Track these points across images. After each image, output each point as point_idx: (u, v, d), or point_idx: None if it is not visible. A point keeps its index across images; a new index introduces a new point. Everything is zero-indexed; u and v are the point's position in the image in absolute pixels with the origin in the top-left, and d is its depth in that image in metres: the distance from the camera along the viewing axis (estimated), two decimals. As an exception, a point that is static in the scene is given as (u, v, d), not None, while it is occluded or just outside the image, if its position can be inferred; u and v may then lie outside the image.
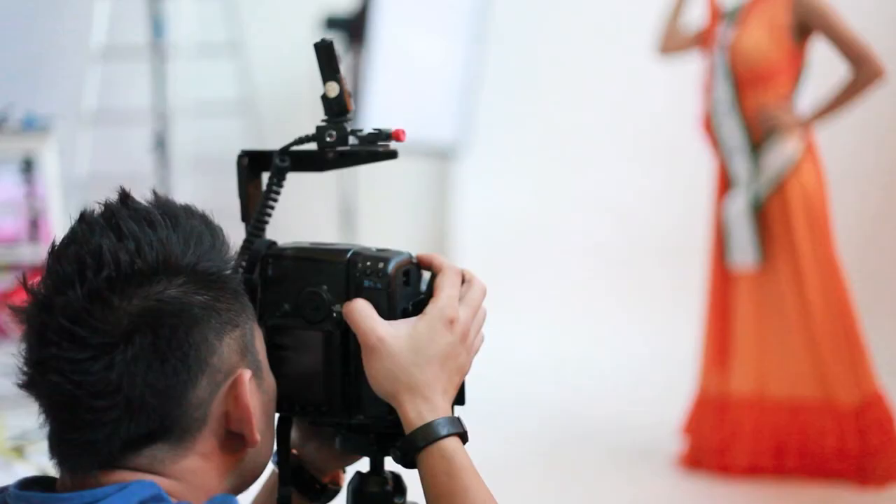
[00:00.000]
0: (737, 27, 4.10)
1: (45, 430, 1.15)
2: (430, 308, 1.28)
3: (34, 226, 5.00)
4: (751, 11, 4.09)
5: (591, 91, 6.51)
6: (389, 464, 1.36)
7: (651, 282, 6.25)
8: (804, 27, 4.00)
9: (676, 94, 5.67)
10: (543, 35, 6.55)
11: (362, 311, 1.26)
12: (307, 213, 5.24)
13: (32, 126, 5.05)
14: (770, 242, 4.05)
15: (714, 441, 4.14)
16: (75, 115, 5.76)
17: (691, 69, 4.39)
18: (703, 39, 4.23)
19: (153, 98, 5.78)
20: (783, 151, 4.01)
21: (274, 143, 1.41)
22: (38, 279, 1.14)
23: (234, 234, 1.28)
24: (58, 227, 4.77)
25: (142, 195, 1.20)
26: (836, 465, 3.98)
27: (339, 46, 1.35)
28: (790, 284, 4.01)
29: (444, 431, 1.24)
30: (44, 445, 1.17)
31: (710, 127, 4.19)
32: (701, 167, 4.46)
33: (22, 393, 1.15)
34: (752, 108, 4.06)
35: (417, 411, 1.25)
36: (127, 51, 5.92)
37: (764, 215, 4.05)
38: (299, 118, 6.11)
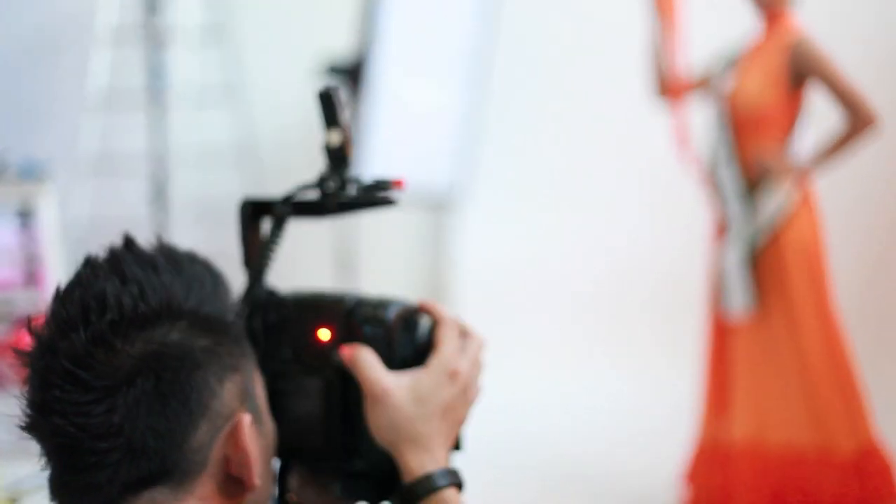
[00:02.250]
0: (735, 76, 4.13)
1: (46, 474, 1.16)
2: (433, 361, 1.30)
3: (30, 273, 5.00)
4: (749, 59, 4.12)
5: (589, 139, 6.54)
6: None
7: (646, 329, 6.26)
8: (801, 74, 4.02)
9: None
10: (541, 84, 6.59)
11: (367, 361, 1.28)
12: (304, 260, 5.25)
13: (30, 173, 5.05)
14: (765, 291, 4.05)
15: (715, 490, 4.13)
16: (73, 161, 5.78)
17: (690, 115, 4.40)
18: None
19: (152, 145, 5.80)
20: (777, 198, 4.03)
21: (273, 189, 1.43)
22: (41, 322, 1.15)
23: (234, 280, 1.29)
24: (55, 274, 4.77)
25: (145, 241, 1.22)
26: (836, 514, 3.98)
27: (343, 94, 1.36)
28: (786, 333, 4.02)
29: (443, 482, 1.26)
30: (39, 495, 1.18)
31: (708, 174, 4.22)
32: (699, 215, 4.48)
33: (17, 443, 1.16)
34: (748, 155, 4.08)
35: (419, 462, 1.27)
36: (125, 97, 5.95)
37: (759, 264, 4.06)
38: (298, 165, 6.17)
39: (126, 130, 6.13)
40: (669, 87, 4.31)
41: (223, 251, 1.39)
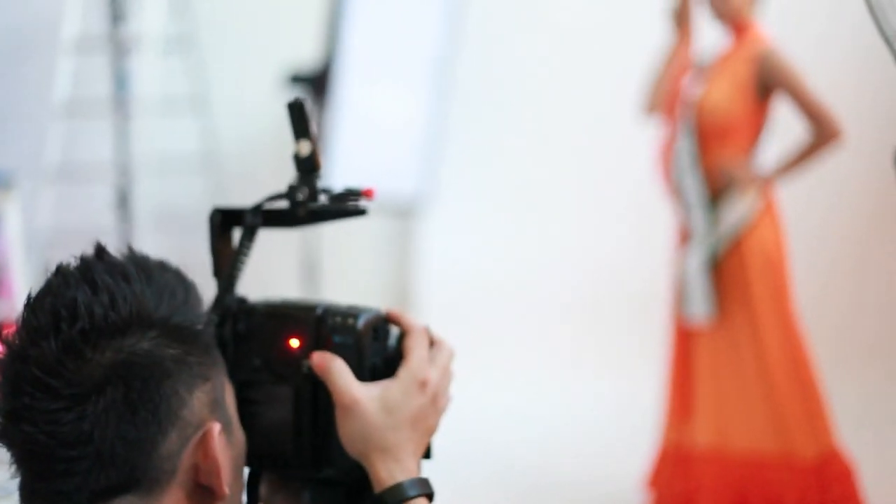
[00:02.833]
0: (703, 84, 4.15)
1: (17, 482, 1.16)
2: (403, 371, 1.31)
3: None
4: (717, 69, 4.14)
5: (556, 145, 6.57)
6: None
7: (615, 335, 6.27)
8: (768, 85, 4.05)
9: (643, 148, 5.72)
10: (507, 89, 6.61)
11: (338, 370, 1.28)
12: (271, 269, 5.23)
13: (-6, 181, 5.03)
14: (727, 297, 4.08)
15: (677, 494, 4.15)
16: (38, 170, 5.75)
17: (657, 124, 4.42)
18: (672, 95, 4.26)
19: (116, 153, 5.78)
20: (739, 207, 4.06)
21: (237, 198, 1.43)
22: (12, 330, 1.16)
23: (200, 287, 1.29)
24: (20, 282, 4.75)
25: (115, 249, 1.22)
26: (797, 520, 4.01)
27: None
28: (748, 339, 4.04)
29: (413, 492, 1.27)
30: (9, 501, 1.18)
31: (672, 181, 4.24)
32: (666, 221, 4.50)
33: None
34: (712, 164, 4.10)
35: (389, 471, 1.27)
36: (90, 106, 5.93)
37: (721, 270, 4.08)
38: (262, 174, 6.18)
39: (91, 138, 6.11)
40: (666, 105, 4.28)
41: (187, 259, 1.39)
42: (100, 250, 1.20)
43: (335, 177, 5.50)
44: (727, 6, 4.10)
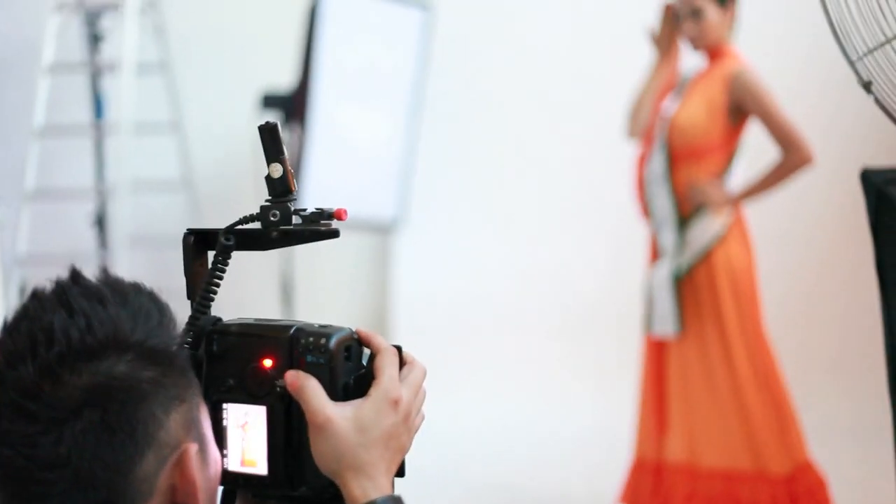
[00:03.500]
0: (679, 101, 4.18)
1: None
2: (374, 390, 1.32)
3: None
4: (693, 87, 4.17)
5: (532, 164, 6.59)
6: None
7: (596, 353, 6.27)
8: (740, 108, 4.06)
9: (618, 165, 5.74)
10: (482, 109, 6.63)
11: (311, 390, 1.30)
12: (247, 289, 5.25)
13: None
14: (697, 313, 4.09)
15: (650, 510, 4.16)
16: (16, 192, 5.75)
17: (627, 141, 4.44)
18: (654, 117, 4.26)
19: (93, 176, 5.79)
20: (710, 228, 4.08)
21: (212, 220, 1.45)
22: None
23: (176, 309, 1.31)
24: (-1, 304, 4.75)
25: (91, 273, 1.24)
26: (770, 533, 4.02)
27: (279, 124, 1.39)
28: (718, 353, 4.05)
29: None
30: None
31: (643, 197, 4.26)
32: (642, 239, 4.52)
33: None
34: (682, 183, 4.12)
35: (362, 489, 1.29)
36: (68, 129, 5.94)
37: (690, 286, 4.10)
38: (238, 196, 6.18)
39: (68, 161, 6.12)
40: (648, 127, 4.28)
41: (166, 280, 1.41)
42: (75, 274, 1.21)
43: (311, 198, 5.52)
44: (704, 40, 4.13)
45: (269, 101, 5.74)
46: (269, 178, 1.37)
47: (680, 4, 4.15)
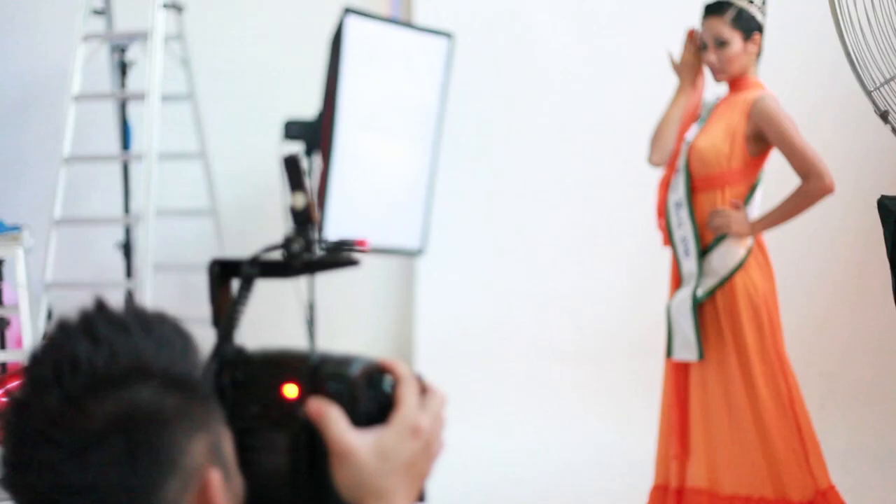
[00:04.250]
0: (702, 126, 4.17)
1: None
2: (396, 418, 1.34)
3: (1, 331, 4.99)
4: (714, 113, 4.17)
5: (553, 191, 6.60)
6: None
7: (615, 380, 6.27)
8: (760, 135, 4.03)
9: (638, 192, 5.74)
10: (503, 135, 6.65)
11: (333, 417, 1.31)
12: (271, 317, 5.27)
13: (1, 232, 5.06)
14: (718, 338, 4.06)
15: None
16: (44, 219, 5.80)
17: (646, 167, 4.43)
18: (678, 145, 4.24)
19: (120, 204, 5.83)
20: (731, 255, 4.06)
21: (236, 246, 1.47)
22: (17, 382, 1.19)
23: (199, 336, 1.32)
24: (26, 331, 4.78)
25: (116, 299, 1.25)
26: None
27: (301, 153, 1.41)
28: (739, 380, 4.01)
29: None
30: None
31: (665, 224, 4.25)
32: (662, 265, 4.51)
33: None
34: (703, 210, 4.12)
35: None
36: (95, 157, 5.98)
37: (711, 311, 4.08)
38: (261, 223, 6.22)
39: (95, 190, 6.17)
40: (670, 159, 4.26)
41: (191, 307, 1.43)
42: (99, 304, 1.23)
43: (333, 225, 5.53)
44: (727, 71, 4.12)
45: (292, 130, 5.77)
46: (292, 209, 1.39)
47: (705, 33, 4.14)
